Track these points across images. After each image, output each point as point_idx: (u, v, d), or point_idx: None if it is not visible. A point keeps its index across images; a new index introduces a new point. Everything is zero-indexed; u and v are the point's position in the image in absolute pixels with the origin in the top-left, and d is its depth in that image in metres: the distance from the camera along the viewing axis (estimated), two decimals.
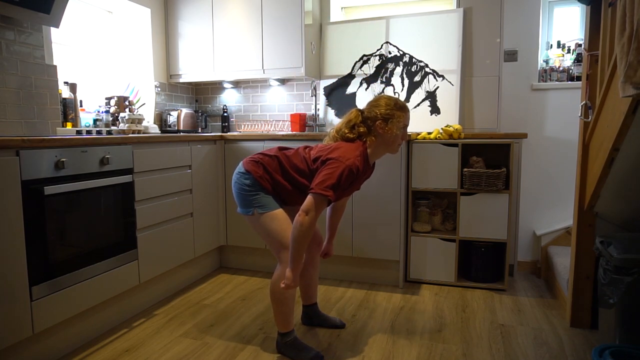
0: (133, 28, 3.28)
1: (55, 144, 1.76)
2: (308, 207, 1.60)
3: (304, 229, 1.60)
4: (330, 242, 2.08)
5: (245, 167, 1.79)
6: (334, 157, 1.65)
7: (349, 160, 1.63)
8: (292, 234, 1.63)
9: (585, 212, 2.04)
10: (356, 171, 1.64)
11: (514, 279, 2.83)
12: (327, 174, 1.61)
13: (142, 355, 1.90)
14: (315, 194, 1.60)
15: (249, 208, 1.77)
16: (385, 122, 1.71)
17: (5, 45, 2.26)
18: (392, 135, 1.72)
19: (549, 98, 2.94)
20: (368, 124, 1.74)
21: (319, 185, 1.61)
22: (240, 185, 1.78)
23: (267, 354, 1.89)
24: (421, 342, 1.99)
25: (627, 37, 1.28)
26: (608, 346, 1.56)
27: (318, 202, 1.61)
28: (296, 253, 1.63)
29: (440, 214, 2.78)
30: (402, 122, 1.74)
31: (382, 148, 1.76)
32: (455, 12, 3.00)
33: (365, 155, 1.72)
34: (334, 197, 1.61)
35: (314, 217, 1.60)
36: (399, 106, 1.74)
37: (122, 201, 2.12)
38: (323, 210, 1.66)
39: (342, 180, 1.60)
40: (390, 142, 1.75)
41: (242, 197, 1.78)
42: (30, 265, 1.67)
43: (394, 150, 1.79)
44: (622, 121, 1.47)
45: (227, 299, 2.51)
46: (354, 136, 1.74)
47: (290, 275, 1.65)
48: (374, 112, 1.73)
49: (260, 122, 3.49)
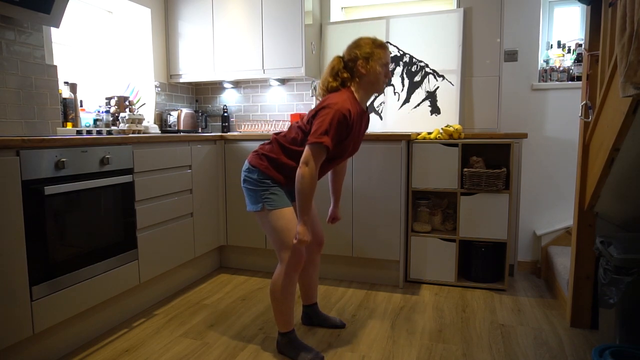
0: (133, 28, 3.28)
1: (56, 144, 1.76)
2: (306, 158, 1.63)
3: (305, 180, 1.62)
4: (337, 207, 2.10)
5: (251, 162, 1.80)
6: (324, 106, 1.68)
7: (338, 104, 1.65)
8: (296, 187, 1.65)
9: (586, 212, 2.04)
10: (348, 114, 1.65)
11: (514, 279, 2.83)
12: (319, 122, 1.64)
13: (142, 355, 1.90)
14: (310, 144, 1.63)
15: (258, 204, 1.77)
16: (366, 61, 1.73)
17: (6, 45, 2.26)
18: (375, 73, 1.74)
19: (549, 98, 2.94)
20: (350, 67, 1.77)
21: (313, 134, 1.63)
22: (249, 182, 1.79)
23: (267, 354, 1.89)
24: (421, 342, 1.99)
25: (628, 37, 1.28)
26: (608, 346, 1.56)
27: (315, 151, 1.63)
28: (303, 205, 1.65)
29: (440, 214, 2.78)
30: (383, 59, 1.75)
31: (368, 88, 1.78)
32: (455, 12, 3.00)
33: (352, 98, 1.74)
34: (329, 142, 1.62)
35: (313, 167, 1.63)
36: (377, 44, 1.76)
37: (122, 201, 2.12)
38: (322, 159, 1.66)
39: (334, 124, 1.62)
40: (375, 81, 1.76)
41: (252, 193, 1.78)
42: (31, 265, 1.67)
43: (380, 89, 1.81)
44: (622, 121, 1.47)
45: (227, 299, 2.51)
46: (337, 84, 1.77)
47: (301, 229, 1.66)
48: (354, 53, 1.75)
49: (261, 122, 3.49)
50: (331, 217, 2.11)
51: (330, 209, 2.11)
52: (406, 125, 3.13)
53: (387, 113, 3.19)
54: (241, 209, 2.91)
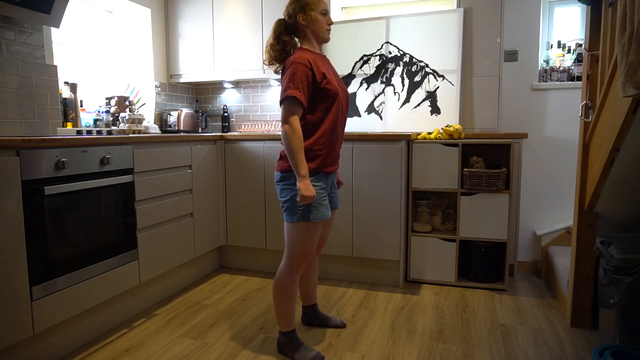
0: (133, 28, 3.28)
1: (56, 144, 1.76)
2: (282, 116, 1.69)
3: (289, 136, 1.66)
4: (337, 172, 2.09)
5: (277, 169, 1.80)
6: (282, 69, 1.75)
7: (291, 59, 1.71)
8: (284, 145, 1.69)
9: (586, 212, 2.04)
10: (306, 62, 1.69)
11: (514, 279, 2.83)
12: (283, 81, 1.71)
13: (142, 355, 1.90)
14: (280, 102, 1.70)
15: (293, 216, 1.75)
16: (304, 11, 1.77)
17: (6, 45, 2.26)
18: (316, 21, 1.79)
19: (549, 98, 2.94)
20: (292, 24, 1.81)
21: (282, 92, 1.69)
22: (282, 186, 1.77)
23: (267, 354, 1.89)
24: (421, 342, 1.98)
25: (628, 37, 1.28)
26: (608, 346, 1.56)
27: (287, 106, 1.67)
28: (295, 160, 1.67)
29: (440, 214, 2.78)
30: (320, 7, 1.79)
31: (315, 38, 1.82)
32: (455, 12, 3.00)
33: (306, 50, 1.79)
34: (296, 93, 1.65)
35: (292, 123, 1.66)
36: None
37: (122, 201, 2.12)
38: (297, 112, 1.68)
39: (297, 74, 1.67)
40: (318, 30, 1.81)
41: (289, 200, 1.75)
42: (31, 265, 1.67)
43: (325, 37, 1.84)
44: (622, 121, 1.47)
45: (227, 299, 2.51)
46: (280, 46, 1.81)
47: (301, 185, 1.66)
48: (291, 9, 1.80)
49: (261, 122, 3.49)
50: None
51: None
52: (406, 125, 3.13)
53: (387, 113, 3.19)
54: (241, 209, 2.91)
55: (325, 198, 1.78)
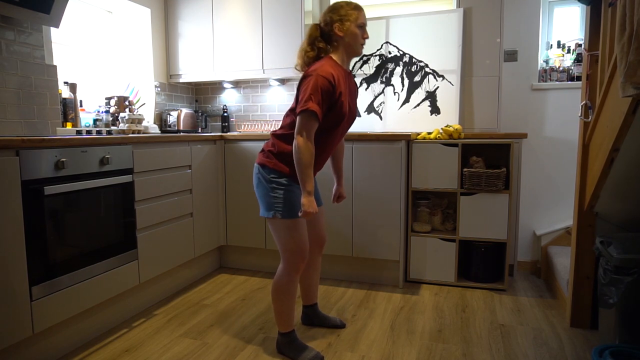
0: (133, 28, 3.28)
1: (55, 144, 1.76)
2: (298, 128, 1.65)
3: (301, 149, 1.63)
4: (340, 184, 2.10)
5: (258, 162, 1.80)
6: (304, 76, 1.69)
7: (317, 70, 1.66)
8: (294, 158, 1.66)
9: (585, 212, 2.04)
10: (330, 77, 1.65)
11: (514, 279, 2.83)
12: (303, 91, 1.65)
13: (142, 355, 1.90)
14: (298, 113, 1.64)
15: (270, 211, 1.76)
16: (342, 22, 1.74)
17: (5, 45, 2.26)
18: (352, 34, 1.75)
19: (549, 98, 2.94)
20: (327, 32, 1.77)
21: (300, 104, 1.64)
22: (261, 183, 1.78)
23: (267, 354, 1.89)
24: (421, 342, 1.99)
25: (627, 37, 1.28)
26: (608, 346, 1.56)
27: (304, 119, 1.63)
28: (304, 175, 1.65)
29: (440, 214, 2.78)
30: (359, 20, 1.76)
31: (347, 50, 1.78)
32: (455, 12, 3.00)
33: (333, 62, 1.74)
34: (316, 107, 1.62)
35: (306, 136, 1.63)
36: (352, 6, 1.77)
37: (122, 201, 2.12)
38: (313, 127, 1.65)
39: (318, 88, 1.62)
40: (353, 42, 1.76)
41: (265, 197, 1.77)
42: (30, 265, 1.67)
43: (358, 51, 1.80)
44: (622, 121, 1.47)
45: (227, 299, 2.51)
46: (315, 53, 1.77)
47: (305, 201, 1.66)
48: (329, 17, 1.76)
49: (260, 122, 3.49)
50: (336, 195, 2.09)
51: (334, 188, 2.10)
52: (406, 125, 3.13)
53: (387, 113, 3.19)
54: (241, 209, 2.91)
55: (291, 198, 1.75)
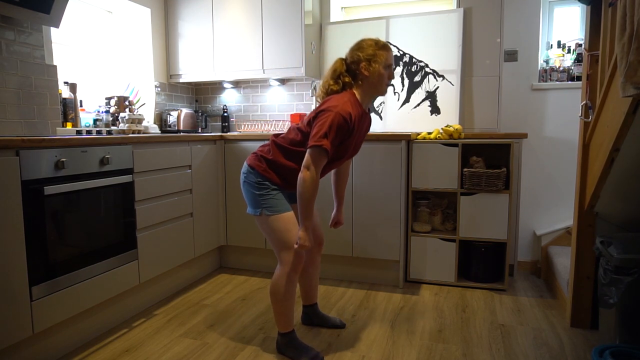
0: (133, 28, 3.28)
1: (55, 144, 1.76)
2: (307, 162, 1.62)
3: (307, 184, 1.62)
4: (340, 210, 2.09)
5: (249, 163, 1.79)
6: (323, 109, 1.66)
7: (338, 107, 1.63)
8: (297, 191, 1.64)
9: (586, 212, 2.04)
10: (349, 117, 1.63)
11: (514, 279, 2.83)
12: (319, 125, 1.62)
13: (142, 355, 1.90)
14: (311, 147, 1.62)
15: (257, 208, 1.76)
16: (369, 62, 1.72)
17: (5, 45, 2.26)
18: (378, 75, 1.73)
19: (549, 98, 2.94)
20: (352, 70, 1.75)
21: (313, 138, 1.62)
22: (248, 184, 1.78)
23: (267, 354, 1.89)
24: (421, 342, 1.98)
25: (628, 37, 1.28)
26: (608, 346, 1.56)
27: (315, 155, 1.62)
28: (305, 210, 1.64)
29: (440, 214, 2.78)
30: (386, 61, 1.74)
31: (371, 90, 1.77)
32: (455, 12, 3.00)
33: (354, 101, 1.72)
34: (329, 146, 1.60)
35: (314, 171, 1.62)
36: (380, 45, 1.75)
37: (122, 201, 2.12)
38: (323, 163, 1.65)
39: (335, 127, 1.61)
40: (377, 83, 1.74)
41: (251, 196, 1.78)
42: (30, 265, 1.67)
43: (382, 91, 1.78)
44: (622, 121, 1.47)
45: (227, 299, 2.51)
46: (339, 87, 1.75)
47: (302, 234, 1.66)
48: (357, 55, 1.74)
49: (260, 122, 3.49)
50: (334, 221, 2.08)
51: (333, 213, 2.09)
52: (406, 125, 3.13)
53: (387, 113, 3.19)
54: (241, 209, 2.91)
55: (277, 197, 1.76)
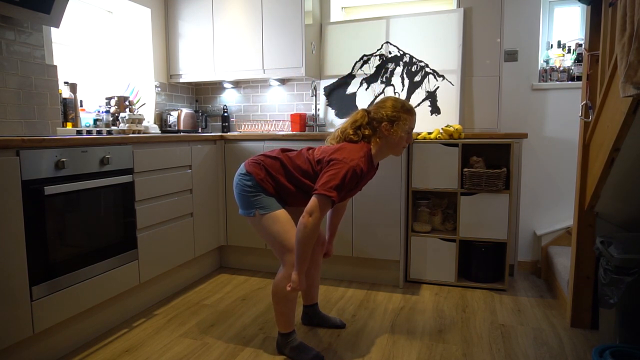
0: (133, 28, 3.28)
1: (56, 144, 1.76)
2: (312, 208, 1.60)
3: (308, 231, 1.60)
4: (331, 243, 2.09)
5: (247, 168, 1.78)
6: (338, 159, 1.64)
7: (353, 161, 1.63)
8: (297, 236, 1.63)
9: (586, 212, 2.04)
10: (360, 172, 1.64)
11: (514, 279, 2.83)
12: (331, 175, 1.61)
13: (142, 355, 1.90)
14: (319, 195, 1.60)
15: (250, 209, 1.76)
16: (391, 124, 1.71)
17: (6, 45, 2.26)
18: (397, 137, 1.73)
19: (549, 98, 2.94)
20: (373, 125, 1.75)
21: (323, 186, 1.60)
22: (241, 187, 1.78)
23: (267, 354, 1.89)
24: (421, 342, 1.98)
25: (628, 37, 1.28)
26: (608, 346, 1.56)
27: (322, 203, 1.61)
28: (301, 255, 1.63)
29: (440, 214, 2.78)
30: (408, 125, 1.74)
31: (386, 150, 1.78)
32: (455, 12, 3.00)
33: (369, 157, 1.72)
34: (337, 198, 1.61)
35: (318, 218, 1.60)
36: (405, 109, 1.75)
37: (122, 201, 2.12)
38: (327, 211, 1.65)
39: (346, 181, 1.61)
40: (395, 145, 1.75)
41: (243, 199, 1.78)
42: (30, 265, 1.67)
43: (398, 153, 1.80)
44: (622, 121, 1.47)
45: (227, 299, 2.51)
46: (357, 139, 1.74)
47: (296, 278, 1.65)
48: (381, 114, 1.73)
49: (261, 122, 3.49)
50: (324, 252, 2.08)
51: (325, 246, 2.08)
52: None
53: None
54: None
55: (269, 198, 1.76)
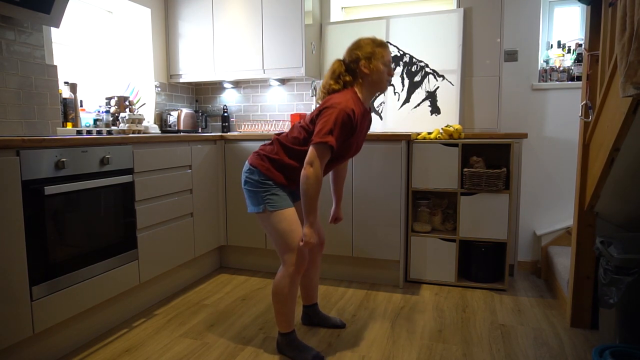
0: (133, 28, 3.28)
1: (56, 144, 1.76)
2: (311, 158, 1.63)
3: (310, 181, 1.62)
4: (339, 207, 2.10)
5: (251, 163, 1.79)
6: (326, 107, 1.67)
7: (341, 104, 1.65)
8: (301, 188, 1.65)
9: (586, 212, 2.04)
10: (352, 114, 1.65)
11: (514, 279, 2.83)
12: (324, 122, 1.63)
13: (142, 355, 1.90)
14: (315, 143, 1.63)
15: (259, 205, 1.76)
16: (369, 60, 1.73)
17: (6, 45, 2.26)
18: (378, 72, 1.74)
19: (549, 98, 2.94)
20: (352, 69, 1.77)
21: (318, 134, 1.63)
22: (250, 183, 1.78)
23: (267, 354, 1.89)
24: (421, 342, 1.99)
25: (628, 37, 1.28)
26: (608, 346, 1.56)
27: (319, 151, 1.62)
28: (309, 207, 1.65)
29: (440, 214, 2.78)
30: (385, 58, 1.76)
31: (371, 88, 1.79)
32: (455, 12, 3.00)
33: (356, 98, 1.74)
34: (334, 142, 1.62)
35: (318, 167, 1.62)
36: (377, 43, 1.77)
37: (122, 201, 2.12)
38: (326, 159, 1.65)
39: (339, 123, 1.62)
40: (378, 80, 1.76)
41: (253, 195, 1.78)
42: (31, 265, 1.67)
43: (383, 88, 1.81)
44: (622, 121, 1.47)
45: (227, 299, 2.51)
46: (340, 87, 1.76)
47: (307, 231, 1.67)
48: (356, 54, 1.75)
49: (261, 122, 3.49)
50: (333, 217, 2.10)
51: (332, 210, 2.10)
52: (406, 125, 3.13)
53: (387, 113, 3.19)
54: (241, 209, 2.91)
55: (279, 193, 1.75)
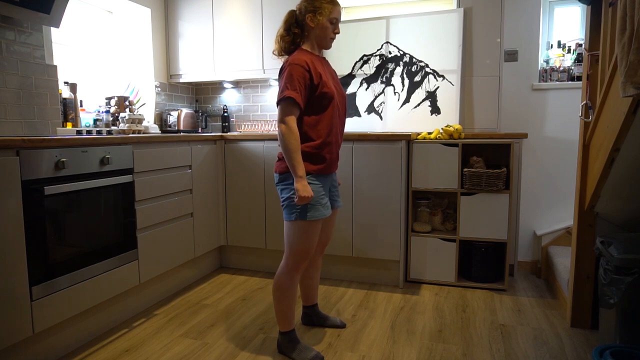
0: (133, 28, 3.28)
1: (56, 144, 1.76)
2: (279, 117, 1.69)
3: (285, 136, 1.67)
4: None
5: (277, 171, 1.80)
6: (280, 69, 1.75)
7: (291, 60, 1.71)
8: (280, 145, 1.69)
9: (586, 212, 2.04)
10: (304, 64, 1.69)
11: (514, 279, 2.83)
12: (281, 82, 1.71)
13: (142, 355, 1.90)
14: (277, 102, 1.70)
15: (291, 214, 1.75)
16: (314, 14, 1.76)
17: (6, 45, 2.26)
18: (322, 27, 1.78)
19: (549, 98, 2.94)
20: (300, 21, 1.80)
21: (279, 94, 1.69)
22: (280, 191, 1.79)
23: (267, 354, 1.89)
24: (421, 342, 1.98)
25: (628, 37, 1.28)
26: (608, 346, 1.56)
27: (283, 107, 1.68)
28: (292, 161, 1.67)
29: (440, 214, 2.78)
30: (331, 15, 1.78)
31: (317, 42, 1.82)
32: (455, 12, 3.00)
33: (304, 51, 1.78)
34: (293, 94, 1.65)
35: (289, 122, 1.67)
36: None
37: (122, 201, 2.12)
38: (294, 113, 1.68)
39: (294, 76, 1.67)
40: (322, 35, 1.80)
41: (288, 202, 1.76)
42: (31, 265, 1.67)
43: (327, 45, 1.84)
44: (622, 121, 1.47)
45: (227, 299, 2.51)
46: (290, 38, 1.80)
47: (299, 186, 1.67)
48: (304, 6, 1.79)
49: (261, 122, 3.49)
50: None
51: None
52: (406, 125, 3.13)
53: (387, 113, 3.19)
54: (241, 209, 2.91)
55: (324, 197, 1.78)
